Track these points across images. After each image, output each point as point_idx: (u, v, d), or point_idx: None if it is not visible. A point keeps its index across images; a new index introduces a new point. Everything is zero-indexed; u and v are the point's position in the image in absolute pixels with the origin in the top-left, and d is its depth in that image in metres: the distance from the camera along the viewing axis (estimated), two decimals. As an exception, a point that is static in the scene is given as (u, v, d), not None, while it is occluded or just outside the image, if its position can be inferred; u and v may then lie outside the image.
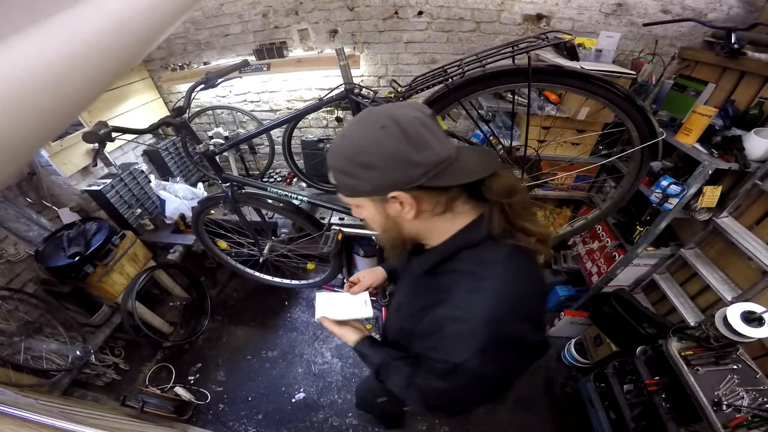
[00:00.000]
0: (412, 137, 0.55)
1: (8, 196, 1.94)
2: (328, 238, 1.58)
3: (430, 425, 2.06)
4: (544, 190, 2.17)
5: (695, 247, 1.81)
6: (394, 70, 2.26)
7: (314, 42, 2.17)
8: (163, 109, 2.64)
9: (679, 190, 1.56)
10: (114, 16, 0.25)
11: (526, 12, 1.93)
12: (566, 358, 2.31)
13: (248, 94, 2.52)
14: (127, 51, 0.27)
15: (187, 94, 1.31)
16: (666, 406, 1.49)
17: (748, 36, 1.51)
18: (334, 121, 2.50)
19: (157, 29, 0.29)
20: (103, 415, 1.67)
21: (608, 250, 2.11)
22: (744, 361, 1.42)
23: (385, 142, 0.55)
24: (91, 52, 0.23)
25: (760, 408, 1.27)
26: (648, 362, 1.64)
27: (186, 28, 2.26)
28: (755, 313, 1.27)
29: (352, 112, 1.35)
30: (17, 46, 0.19)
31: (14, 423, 1.03)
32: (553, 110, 1.75)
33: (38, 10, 0.21)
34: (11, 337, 1.85)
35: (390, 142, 0.55)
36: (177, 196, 2.31)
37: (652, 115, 1.18)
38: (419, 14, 2.01)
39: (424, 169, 0.56)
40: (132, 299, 2.15)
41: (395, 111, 0.57)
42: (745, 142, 1.45)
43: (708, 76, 1.72)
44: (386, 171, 0.57)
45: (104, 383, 2.19)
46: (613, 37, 1.69)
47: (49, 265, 1.89)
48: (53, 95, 0.22)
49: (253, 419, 2.12)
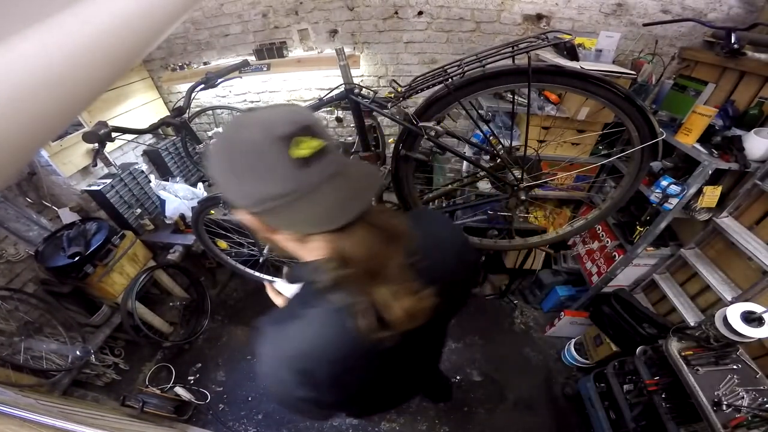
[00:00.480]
0: (234, 162, 0.47)
1: (8, 196, 1.94)
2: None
3: (430, 425, 2.06)
4: (544, 190, 2.17)
5: (695, 247, 1.81)
6: (394, 70, 2.26)
7: (314, 42, 2.17)
8: (163, 109, 2.64)
9: (679, 190, 1.56)
10: (114, 16, 0.25)
11: (526, 12, 1.93)
12: (566, 358, 2.31)
13: (248, 94, 2.52)
14: (128, 51, 0.27)
15: (187, 94, 1.30)
16: (666, 406, 1.49)
17: (748, 36, 1.51)
18: (334, 121, 2.50)
19: (157, 29, 0.29)
20: (103, 415, 1.67)
21: (608, 250, 2.11)
22: (744, 361, 1.42)
23: (214, 157, 0.49)
24: (91, 52, 0.23)
25: (760, 408, 1.27)
26: (648, 362, 1.64)
27: (186, 28, 2.26)
28: (755, 313, 1.27)
29: (352, 112, 1.35)
30: (17, 46, 0.19)
31: (14, 423, 1.03)
32: (553, 110, 1.75)
33: (38, 10, 0.21)
34: (11, 337, 1.85)
35: (217, 158, 0.49)
36: (177, 196, 2.31)
37: (652, 115, 1.18)
38: (419, 14, 2.01)
39: (248, 200, 0.49)
40: (132, 299, 2.15)
41: (240, 127, 0.49)
42: (745, 142, 1.45)
43: (708, 76, 1.72)
44: (221, 186, 0.50)
45: (104, 383, 2.19)
46: (613, 37, 1.69)
47: (49, 265, 1.89)
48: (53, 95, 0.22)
49: (253, 419, 2.12)
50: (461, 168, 2.30)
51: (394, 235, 0.52)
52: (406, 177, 1.42)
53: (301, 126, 0.46)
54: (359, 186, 0.50)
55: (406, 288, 0.51)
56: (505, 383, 2.25)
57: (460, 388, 2.24)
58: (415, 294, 0.52)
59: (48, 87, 0.21)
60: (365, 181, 0.51)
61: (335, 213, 0.48)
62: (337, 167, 0.49)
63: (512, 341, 2.51)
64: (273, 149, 0.45)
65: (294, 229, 0.50)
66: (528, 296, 2.79)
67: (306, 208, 0.47)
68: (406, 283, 0.52)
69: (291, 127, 0.45)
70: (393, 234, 0.52)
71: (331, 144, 0.49)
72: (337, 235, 0.49)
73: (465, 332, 2.56)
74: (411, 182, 1.46)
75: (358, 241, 0.49)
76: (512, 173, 1.42)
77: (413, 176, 1.45)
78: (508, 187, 1.47)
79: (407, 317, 0.51)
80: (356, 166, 0.52)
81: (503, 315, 2.70)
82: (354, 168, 0.51)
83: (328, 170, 0.48)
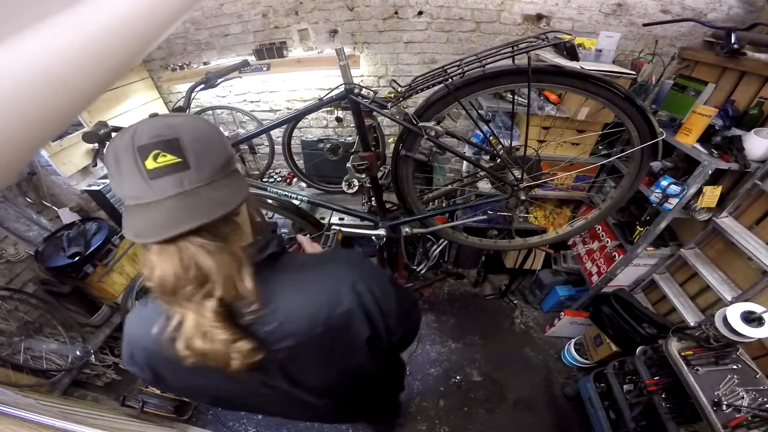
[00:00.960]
0: (108, 161, 0.51)
1: (8, 196, 1.94)
2: (328, 238, 1.58)
3: (430, 425, 2.06)
4: (544, 190, 2.17)
5: (695, 247, 1.81)
6: (394, 70, 2.26)
7: (314, 42, 2.17)
8: (163, 109, 2.64)
9: (679, 190, 1.56)
10: (114, 16, 0.25)
11: (526, 12, 1.93)
12: (566, 358, 2.31)
13: (248, 94, 2.51)
14: (128, 51, 0.27)
15: (187, 94, 1.30)
16: (666, 406, 1.49)
17: (748, 36, 1.51)
18: (334, 121, 2.50)
19: (157, 29, 0.29)
20: (103, 415, 1.67)
21: (608, 250, 2.11)
22: (744, 361, 1.42)
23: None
24: (91, 52, 0.23)
25: (760, 408, 1.27)
26: (648, 362, 1.64)
27: (186, 28, 2.26)
28: (755, 313, 1.27)
29: (352, 112, 1.35)
30: (17, 47, 0.19)
31: (14, 423, 1.03)
32: (553, 110, 1.76)
33: (38, 10, 0.21)
34: (11, 337, 1.85)
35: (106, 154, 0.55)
36: (177, 196, 2.31)
37: (652, 115, 1.18)
38: (419, 14, 2.01)
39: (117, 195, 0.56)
40: (132, 299, 2.14)
41: (122, 132, 0.51)
42: (745, 142, 1.45)
43: (708, 76, 1.72)
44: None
45: (104, 383, 2.19)
46: (613, 37, 1.69)
47: (49, 265, 1.89)
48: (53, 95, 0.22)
49: (253, 419, 2.12)
50: (461, 168, 2.31)
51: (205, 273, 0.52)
52: (405, 177, 1.42)
53: (163, 140, 0.49)
54: (198, 211, 0.49)
55: (217, 329, 0.53)
56: (505, 383, 2.25)
57: (460, 388, 2.24)
58: (225, 340, 0.53)
59: (48, 87, 0.21)
60: (208, 207, 0.51)
61: (156, 229, 0.48)
62: (187, 187, 0.50)
63: (512, 341, 2.51)
64: (129, 157, 0.48)
65: (125, 232, 0.51)
66: (528, 296, 2.79)
67: (138, 216, 0.49)
68: (219, 324, 0.53)
69: (153, 139, 0.48)
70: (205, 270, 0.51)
71: (196, 163, 0.50)
72: (156, 249, 0.51)
73: (465, 332, 2.56)
74: (411, 182, 1.46)
75: (162, 261, 0.51)
76: (512, 173, 1.42)
77: (413, 176, 1.45)
78: (508, 187, 1.47)
79: (194, 354, 0.54)
80: (213, 191, 0.52)
81: (503, 315, 2.70)
82: (209, 193, 0.51)
83: (172, 187, 0.49)
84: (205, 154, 0.51)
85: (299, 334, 0.61)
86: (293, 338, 0.61)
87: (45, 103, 0.21)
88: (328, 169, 2.45)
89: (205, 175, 0.51)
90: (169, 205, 0.49)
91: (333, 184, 2.49)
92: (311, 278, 0.63)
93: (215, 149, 0.53)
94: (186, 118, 0.54)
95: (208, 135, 0.53)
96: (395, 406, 1.65)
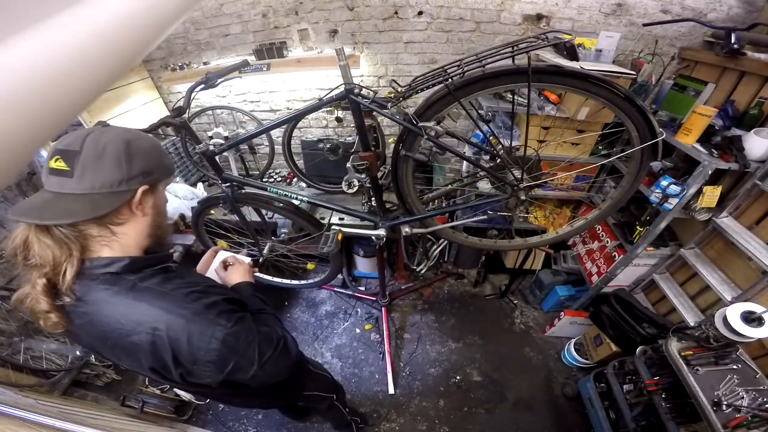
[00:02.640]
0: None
1: (8, 196, 1.94)
2: (328, 238, 1.58)
3: (430, 425, 2.07)
4: (544, 190, 2.17)
5: (695, 247, 1.81)
6: (394, 70, 2.26)
7: (314, 42, 2.17)
8: (163, 109, 2.64)
9: (679, 190, 1.56)
10: (114, 15, 0.25)
11: (526, 12, 1.93)
12: (566, 358, 2.31)
13: (248, 94, 2.51)
14: (128, 51, 0.27)
15: (187, 94, 1.30)
16: (666, 406, 1.49)
17: (748, 36, 1.51)
18: (334, 121, 2.50)
19: (157, 29, 0.29)
20: (103, 415, 1.67)
21: (608, 250, 2.11)
22: (744, 361, 1.42)
23: None
24: (91, 52, 0.23)
25: (759, 408, 1.27)
26: (648, 362, 1.64)
27: (186, 28, 2.26)
28: (755, 313, 1.28)
29: (352, 112, 1.35)
30: (17, 46, 0.19)
31: (14, 423, 1.03)
32: (553, 110, 1.76)
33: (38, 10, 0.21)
34: (11, 337, 1.85)
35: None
36: (177, 196, 2.30)
37: (652, 115, 1.17)
38: (419, 14, 2.01)
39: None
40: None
41: (68, 136, 0.67)
42: (745, 142, 1.46)
43: (708, 76, 1.72)
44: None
45: (104, 383, 2.19)
46: (612, 37, 1.69)
47: (49, 265, 1.88)
48: (53, 95, 0.22)
49: (253, 419, 2.12)
50: (461, 168, 2.30)
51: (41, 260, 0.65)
52: (405, 177, 1.42)
53: (66, 149, 0.64)
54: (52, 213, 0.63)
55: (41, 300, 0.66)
56: (505, 383, 2.26)
57: (460, 388, 2.24)
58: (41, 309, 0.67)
59: (48, 87, 0.21)
60: (57, 213, 0.63)
61: (27, 211, 0.65)
62: (64, 190, 0.64)
63: (512, 341, 2.52)
64: (50, 153, 0.65)
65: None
66: (528, 296, 2.79)
67: (34, 197, 0.67)
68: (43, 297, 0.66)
69: (61, 146, 0.65)
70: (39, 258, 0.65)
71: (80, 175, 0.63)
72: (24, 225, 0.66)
73: (465, 332, 2.56)
74: (411, 182, 1.46)
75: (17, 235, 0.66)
76: (512, 173, 1.42)
77: (413, 176, 1.45)
78: (508, 187, 1.47)
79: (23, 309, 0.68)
80: (74, 203, 0.64)
81: (503, 315, 2.70)
82: (70, 203, 0.64)
83: (55, 186, 0.64)
84: (93, 172, 0.64)
85: (98, 338, 0.74)
86: (91, 338, 0.75)
87: (45, 103, 0.21)
88: (328, 169, 2.45)
89: (83, 186, 0.64)
90: (45, 198, 0.65)
91: (333, 184, 2.49)
92: (126, 303, 0.71)
93: (108, 171, 0.65)
94: (116, 138, 0.67)
95: (113, 159, 0.66)
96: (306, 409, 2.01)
